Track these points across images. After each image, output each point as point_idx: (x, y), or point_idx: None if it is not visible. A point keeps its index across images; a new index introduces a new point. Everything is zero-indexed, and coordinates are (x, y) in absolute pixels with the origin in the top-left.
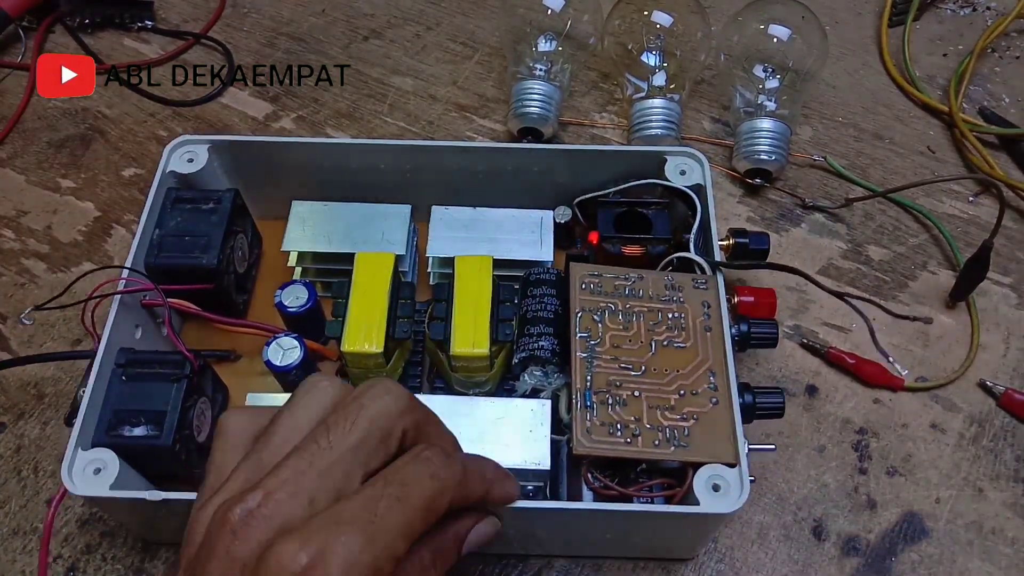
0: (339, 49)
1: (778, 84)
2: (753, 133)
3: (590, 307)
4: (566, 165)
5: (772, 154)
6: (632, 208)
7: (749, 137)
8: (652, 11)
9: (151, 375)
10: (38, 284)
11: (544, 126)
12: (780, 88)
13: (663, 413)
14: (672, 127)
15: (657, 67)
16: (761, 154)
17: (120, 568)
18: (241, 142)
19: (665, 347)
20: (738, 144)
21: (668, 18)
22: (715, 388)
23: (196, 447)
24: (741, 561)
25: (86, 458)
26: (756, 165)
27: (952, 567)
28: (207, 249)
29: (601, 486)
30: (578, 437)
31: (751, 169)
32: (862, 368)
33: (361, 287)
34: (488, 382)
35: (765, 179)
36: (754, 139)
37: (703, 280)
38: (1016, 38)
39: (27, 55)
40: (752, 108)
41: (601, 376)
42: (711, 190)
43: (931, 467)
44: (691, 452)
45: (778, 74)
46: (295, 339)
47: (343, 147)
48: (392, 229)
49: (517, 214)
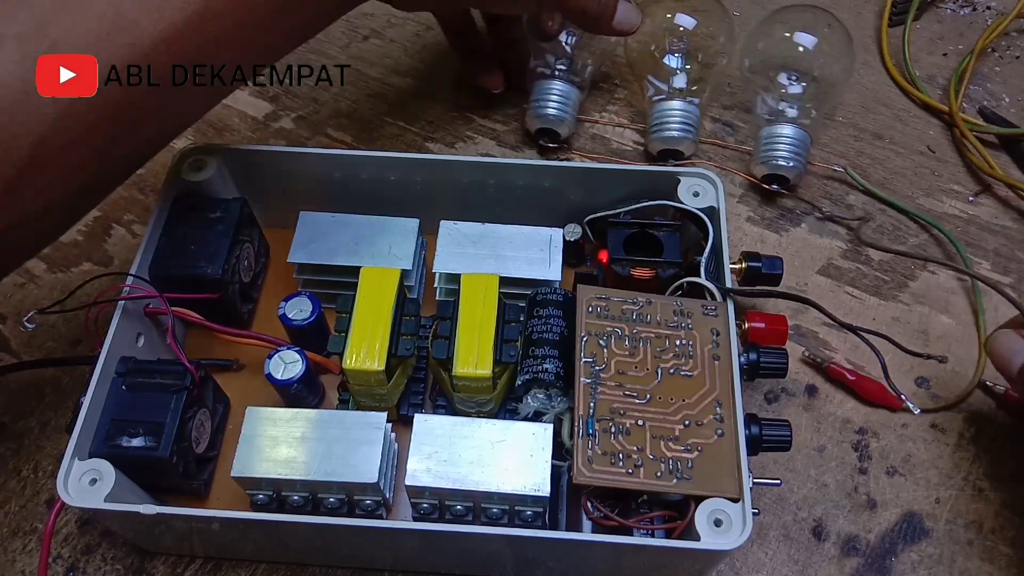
0: (339, 49)
1: (801, 91)
2: (773, 139)
3: (596, 331)
4: (577, 182)
5: (791, 160)
6: (643, 230)
7: (768, 143)
8: (676, 13)
9: (151, 385)
10: (38, 284)
11: (561, 127)
12: (803, 95)
13: (667, 443)
14: (690, 129)
15: (679, 69)
16: (779, 160)
17: (120, 568)
18: (250, 151)
19: (672, 375)
20: (757, 149)
21: (692, 20)
22: (721, 419)
23: (195, 458)
24: (741, 561)
25: (82, 468)
26: (774, 171)
27: (952, 567)
28: (212, 259)
29: (601, 516)
30: (579, 466)
31: (768, 175)
32: (863, 385)
33: (365, 302)
34: (491, 402)
35: (783, 186)
36: (773, 145)
37: (713, 307)
38: (1016, 38)
39: None
40: (773, 115)
41: (605, 403)
42: (724, 213)
43: (931, 467)
44: (694, 485)
45: (802, 82)
46: (297, 352)
47: (353, 158)
48: (399, 243)
49: (526, 231)
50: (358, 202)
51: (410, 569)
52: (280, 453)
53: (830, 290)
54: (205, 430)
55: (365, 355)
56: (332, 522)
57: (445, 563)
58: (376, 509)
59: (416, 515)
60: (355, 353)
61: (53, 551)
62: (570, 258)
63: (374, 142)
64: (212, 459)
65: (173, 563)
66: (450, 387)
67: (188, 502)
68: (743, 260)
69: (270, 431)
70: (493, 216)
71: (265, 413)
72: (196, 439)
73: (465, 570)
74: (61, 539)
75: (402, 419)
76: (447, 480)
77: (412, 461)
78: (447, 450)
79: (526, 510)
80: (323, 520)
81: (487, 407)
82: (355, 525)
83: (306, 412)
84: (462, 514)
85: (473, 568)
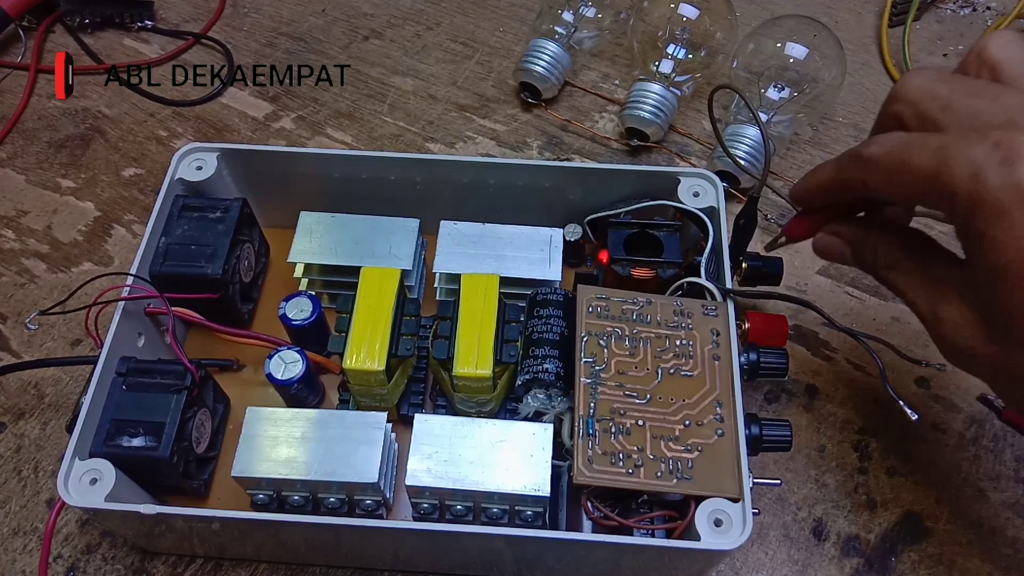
0: (339, 49)
1: (780, 99)
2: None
3: (596, 331)
4: (577, 182)
5: (747, 162)
6: (643, 230)
7: (731, 141)
8: (680, 3)
9: (152, 385)
10: (38, 284)
11: (544, 85)
12: (783, 102)
13: (667, 443)
14: (661, 115)
15: (670, 56)
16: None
17: (120, 568)
18: (251, 151)
19: (672, 375)
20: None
21: (695, 11)
22: (721, 419)
23: (195, 458)
24: (741, 561)
25: (82, 468)
26: (727, 168)
27: (952, 567)
28: (212, 259)
29: (601, 516)
30: (579, 466)
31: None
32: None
33: (365, 302)
34: (491, 402)
35: (732, 185)
36: (735, 144)
37: (713, 307)
38: None
39: (27, 55)
40: (745, 118)
41: (605, 403)
42: (724, 213)
43: (931, 467)
44: (694, 485)
45: (793, 90)
46: (297, 352)
47: (353, 158)
48: (400, 243)
49: (527, 231)
50: (358, 202)
51: (410, 569)
52: (280, 453)
53: (830, 290)
54: (205, 430)
55: (365, 355)
56: (332, 522)
57: (445, 563)
58: (376, 509)
59: (416, 515)
60: (355, 353)
61: (53, 551)
62: (570, 258)
63: (374, 142)
64: (212, 459)
65: (173, 563)
66: (450, 387)
67: (188, 502)
68: (744, 260)
69: (270, 431)
70: (493, 216)
71: (265, 413)
72: (196, 439)
73: (465, 570)
74: (61, 539)
75: (402, 419)
76: (447, 480)
77: (412, 461)
78: (447, 450)
79: (526, 510)
80: (323, 520)
81: (487, 407)
82: (355, 525)
83: (306, 412)
84: (462, 514)
85: (473, 568)
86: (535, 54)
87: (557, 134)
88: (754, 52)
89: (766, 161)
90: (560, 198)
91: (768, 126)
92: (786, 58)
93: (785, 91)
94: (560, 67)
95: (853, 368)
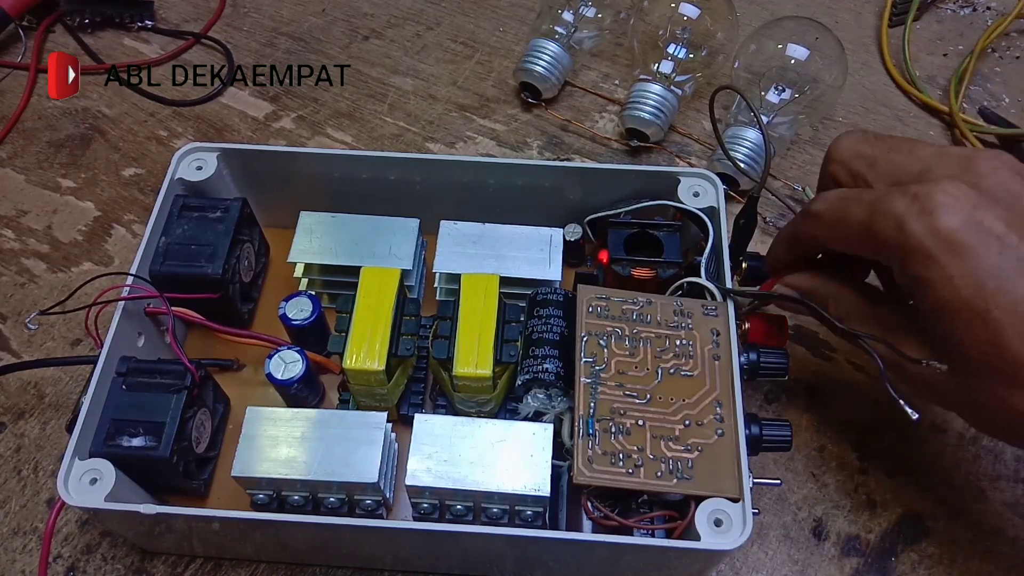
0: (339, 49)
1: (781, 100)
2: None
3: (596, 331)
4: (577, 182)
5: (747, 164)
6: (643, 230)
7: (731, 143)
8: (680, 3)
9: (152, 385)
10: (38, 284)
11: (545, 85)
12: (784, 104)
13: (667, 443)
14: (661, 115)
15: (671, 56)
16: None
17: (120, 568)
18: (251, 151)
19: (672, 375)
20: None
21: (695, 10)
22: (721, 419)
23: (195, 458)
24: (741, 561)
25: (82, 468)
26: (726, 171)
27: (952, 567)
28: (212, 258)
29: (601, 516)
30: (579, 466)
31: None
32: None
33: (365, 302)
34: (491, 402)
35: (731, 187)
36: (735, 147)
37: (713, 307)
38: (1016, 38)
39: (27, 55)
40: (745, 119)
41: (605, 403)
42: (724, 213)
43: (931, 467)
44: (694, 485)
45: (794, 91)
46: (297, 352)
47: (353, 158)
48: (400, 243)
49: (527, 231)
50: (358, 202)
51: (410, 569)
52: (280, 453)
53: None
54: (205, 430)
55: (365, 355)
56: (332, 522)
57: (445, 563)
58: (376, 509)
59: (416, 515)
60: (355, 353)
61: (53, 551)
62: (570, 258)
63: (374, 142)
64: (212, 459)
65: (173, 563)
66: (450, 387)
67: (188, 502)
68: (744, 260)
69: (270, 431)
70: (493, 216)
71: (265, 413)
72: (196, 439)
73: (465, 570)
74: (61, 539)
75: (402, 419)
76: (447, 480)
77: (412, 461)
78: (447, 450)
79: (526, 510)
80: (323, 520)
81: (487, 407)
82: (355, 525)
83: (306, 412)
84: (462, 514)
85: (473, 568)
86: (535, 54)
87: (557, 134)
88: (755, 53)
89: (766, 163)
90: (560, 198)
91: (768, 127)
92: (787, 59)
93: (786, 93)
94: (560, 67)
95: (853, 368)
